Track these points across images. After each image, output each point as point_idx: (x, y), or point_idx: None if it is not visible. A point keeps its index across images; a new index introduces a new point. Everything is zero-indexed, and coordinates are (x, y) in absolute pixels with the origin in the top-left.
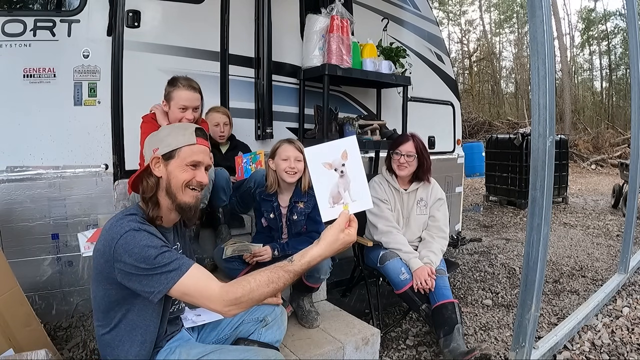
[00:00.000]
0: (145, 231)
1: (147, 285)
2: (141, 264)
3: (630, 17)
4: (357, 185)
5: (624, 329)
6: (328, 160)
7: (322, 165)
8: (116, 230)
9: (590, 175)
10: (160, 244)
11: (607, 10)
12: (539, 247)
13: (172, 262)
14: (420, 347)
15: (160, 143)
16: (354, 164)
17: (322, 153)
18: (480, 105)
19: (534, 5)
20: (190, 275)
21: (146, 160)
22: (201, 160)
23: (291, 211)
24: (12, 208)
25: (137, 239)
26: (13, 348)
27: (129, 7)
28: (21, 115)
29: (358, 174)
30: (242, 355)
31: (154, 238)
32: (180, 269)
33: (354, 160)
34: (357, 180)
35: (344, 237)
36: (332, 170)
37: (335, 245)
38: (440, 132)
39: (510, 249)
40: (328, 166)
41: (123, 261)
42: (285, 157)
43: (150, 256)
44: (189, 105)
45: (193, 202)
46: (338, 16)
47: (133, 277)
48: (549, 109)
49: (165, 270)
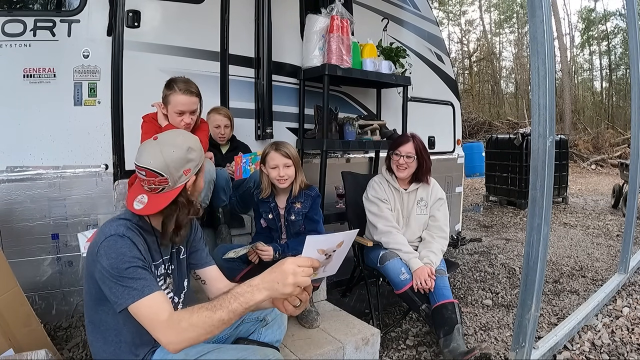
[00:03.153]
0: (129, 239)
1: (113, 293)
2: (113, 270)
3: (630, 17)
4: (334, 263)
5: (624, 329)
6: (324, 248)
7: (317, 250)
8: (104, 231)
9: (590, 175)
10: (137, 257)
11: (607, 10)
12: (539, 247)
13: (139, 280)
14: (420, 347)
15: (188, 163)
16: (342, 250)
17: (322, 241)
18: (480, 105)
19: (534, 5)
20: (148, 300)
21: (176, 182)
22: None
23: (289, 212)
24: (12, 208)
25: (117, 245)
26: (13, 348)
27: (129, 7)
28: (21, 115)
29: (340, 256)
30: (241, 354)
31: (133, 248)
32: (142, 291)
33: (344, 247)
34: (337, 261)
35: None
36: (323, 255)
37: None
38: (440, 132)
39: (510, 249)
40: (321, 252)
41: (101, 263)
42: (273, 166)
43: (122, 266)
44: (186, 110)
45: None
46: (338, 16)
47: (106, 281)
48: (549, 109)
49: (129, 285)
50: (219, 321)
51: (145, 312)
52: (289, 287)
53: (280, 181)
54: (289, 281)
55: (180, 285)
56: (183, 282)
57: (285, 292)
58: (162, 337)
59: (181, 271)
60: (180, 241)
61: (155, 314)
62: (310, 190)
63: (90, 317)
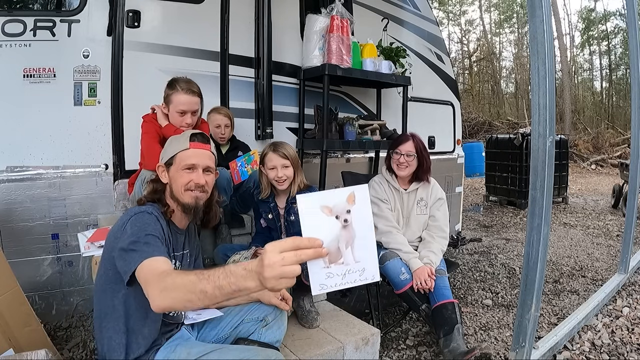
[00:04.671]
0: (155, 217)
1: (125, 261)
2: (133, 237)
3: (630, 17)
4: (363, 244)
5: (624, 329)
6: (328, 204)
7: (320, 209)
8: (133, 210)
9: (590, 175)
10: (159, 231)
11: (607, 10)
12: (539, 247)
13: (152, 245)
14: (420, 347)
15: (164, 152)
16: (362, 213)
17: (320, 199)
18: (480, 105)
19: (534, 5)
20: (153, 260)
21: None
22: (195, 163)
23: (288, 212)
24: (12, 208)
25: (144, 219)
26: (13, 348)
27: (129, 7)
28: (21, 115)
29: (366, 230)
30: (242, 354)
31: (157, 225)
32: (150, 253)
33: (362, 208)
34: (365, 238)
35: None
36: (333, 217)
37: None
38: (440, 132)
39: (510, 249)
40: (327, 211)
41: (126, 233)
42: (271, 167)
43: (142, 233)
44: (188, 110)
45: (193, 202)
46: (338, 16)
47: (122, 254)
48: (549, 109)
49: (141, 249)
50: (200, 292)
51: (146, 271)
52: (271, 282)
53: (278, 182)
54: (266, 275)
55: None
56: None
57: (270, 287)
58: (150, 292)
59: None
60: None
61: (152, 271)
62: (310, 190)
63: (100, 306)
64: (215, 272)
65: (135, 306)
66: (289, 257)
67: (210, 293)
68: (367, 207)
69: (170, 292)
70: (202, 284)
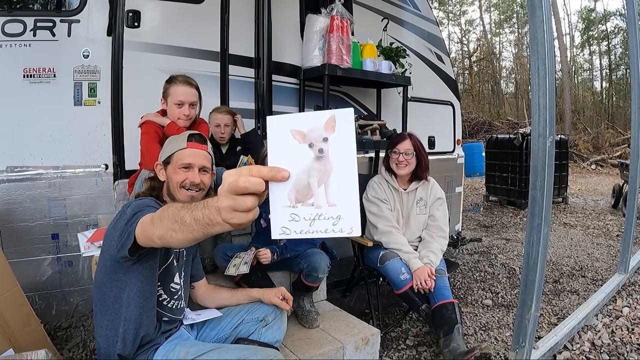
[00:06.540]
0: (155, 202)
1: (126, 233)
2: (133, 210)
3: (630, 17)
4: (341, 185)
5: (624, 329)
6: (301, 129)
7: (290, 134)
8: (132, 200)
9: (590, 175)
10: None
11: (607, 10)
12: (539, 247)
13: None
14: (420, 347)
15: (162, 151)
16: (343, 145)
17: (292, 121)
18: (480, 105)
19: (534, 5)
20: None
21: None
22: (192, 162)
23: None
24: (12, 208)
25: (145, 201)
26: (13, 348)
27: (129, 7)
28: (21, 115)
29: (347, 167)
30: (242, 354)
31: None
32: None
33: (344, 138)
34: (344, 177)
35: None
36: (305, 145)
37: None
38: (440, 132)
39: (510, 249)
40: (300, 137)
41: (126, 213)
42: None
43: (142, 206)
44: (185, 101)
45: (188, 201)
46: (338, 16)
47: (124, 229)
48: (549, 109)
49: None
50: (181, 220)
51: (144, 219)
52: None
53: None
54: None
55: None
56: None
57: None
58: (150, 228)
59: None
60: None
61: (150, 215)
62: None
63: (99, 299)
64: (197, 204)
65: (132, 295)
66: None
67: (188, 222)
68: (349, 137)
69: (162, 221)
70: (182, 212)
